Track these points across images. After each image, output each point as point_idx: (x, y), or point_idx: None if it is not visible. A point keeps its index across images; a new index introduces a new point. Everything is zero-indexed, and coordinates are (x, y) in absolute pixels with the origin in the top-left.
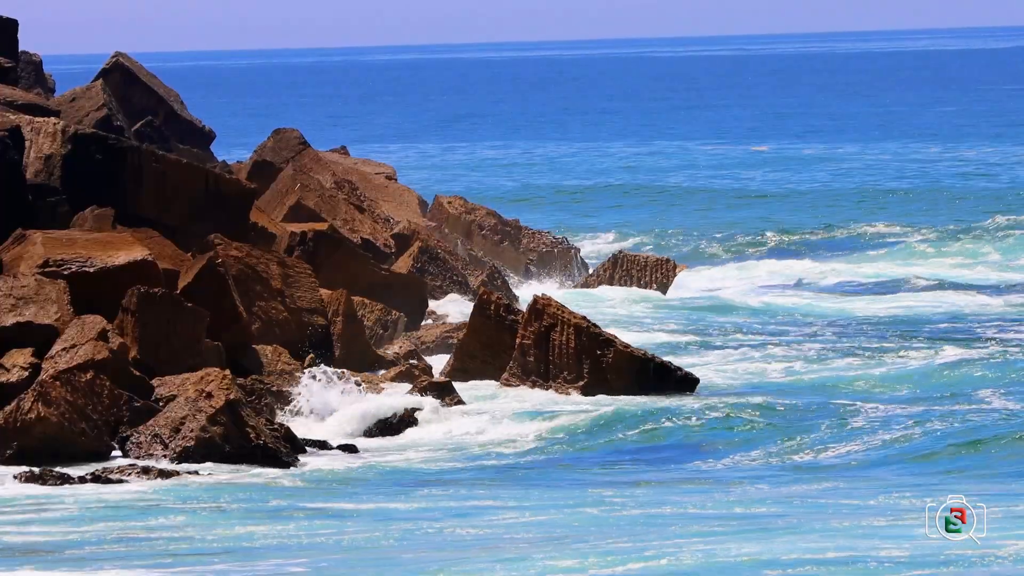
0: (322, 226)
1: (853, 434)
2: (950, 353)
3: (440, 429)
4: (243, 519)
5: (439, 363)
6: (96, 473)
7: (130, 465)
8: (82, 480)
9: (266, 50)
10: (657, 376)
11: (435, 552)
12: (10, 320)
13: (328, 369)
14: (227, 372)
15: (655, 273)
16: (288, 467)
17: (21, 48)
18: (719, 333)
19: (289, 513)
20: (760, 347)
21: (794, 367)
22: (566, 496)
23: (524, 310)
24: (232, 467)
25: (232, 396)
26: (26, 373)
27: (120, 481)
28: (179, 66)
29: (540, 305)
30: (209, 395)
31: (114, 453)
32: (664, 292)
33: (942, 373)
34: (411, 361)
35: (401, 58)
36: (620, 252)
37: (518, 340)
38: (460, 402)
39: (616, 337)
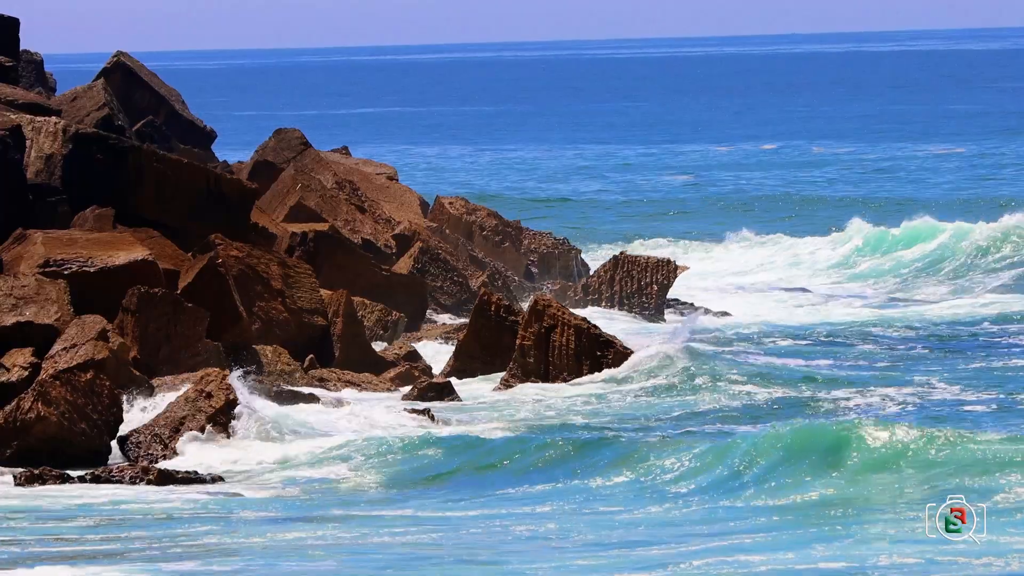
0: (323, 226)
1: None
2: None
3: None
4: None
5: (439, 364)
6: (96, 473)
7: (129, 465)
8: (82, 480)
9: (267, 50)
10: None
11: (453, 550)
12: (10, 320)
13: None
14: (227, 372)
15: (656, 274)
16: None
17: (22, 47)
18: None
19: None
20: (757, 349)
21: (788, 368)
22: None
23: (524, 310)
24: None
25: (232, 396)
26: (26, 373)
27: (120, 481)
28: (180, 65)
29: (540, 306)
30: (209, 395)
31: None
32: (664, 295)
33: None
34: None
35: (403, 59)
36: (621, 253)
37: (518, 341)
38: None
39: (616, 338)
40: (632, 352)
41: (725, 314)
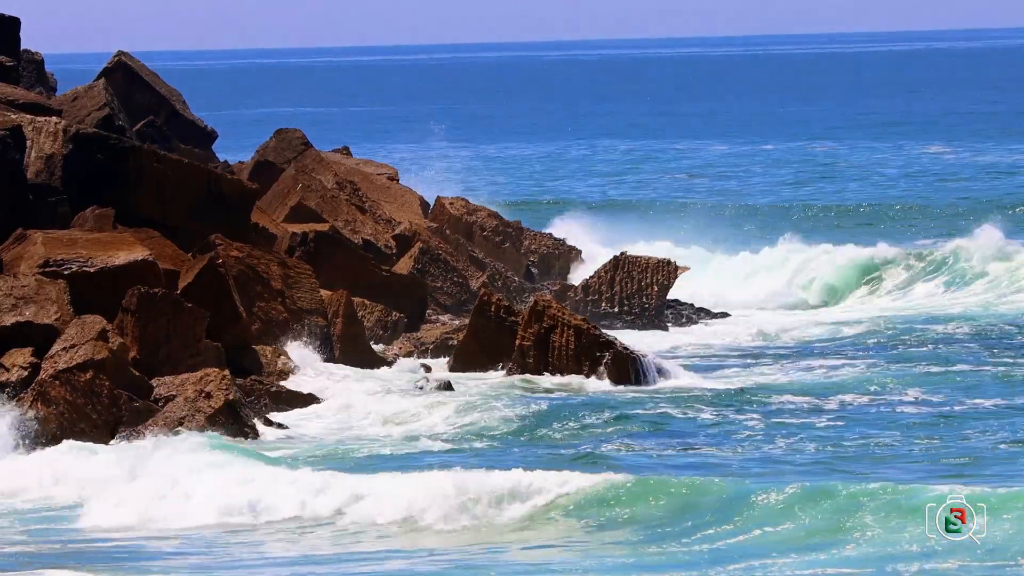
0: (323, 227)
1: (832, 433)
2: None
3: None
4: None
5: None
6: None
7: None
8: None
9: (269, 49)
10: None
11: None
12: (10, 320)
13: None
14: (226, 372)
15: (656, 275)
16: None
17: (23, 47)
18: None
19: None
20: (753, 355)
21: (781, 367)
22: None
23: (524, 311)
24: None
25: (231, 396)
26: (26, 373)
27: None
28: (181, 65)
29: (540, 306)
30: (208, 395)
31: None
32: (665, 296)
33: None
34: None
35: (404, 59)
36: (622, 253)
37: (517, 341)
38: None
39: (616, 339)
40: (632, 351)
41: (724, 315)
